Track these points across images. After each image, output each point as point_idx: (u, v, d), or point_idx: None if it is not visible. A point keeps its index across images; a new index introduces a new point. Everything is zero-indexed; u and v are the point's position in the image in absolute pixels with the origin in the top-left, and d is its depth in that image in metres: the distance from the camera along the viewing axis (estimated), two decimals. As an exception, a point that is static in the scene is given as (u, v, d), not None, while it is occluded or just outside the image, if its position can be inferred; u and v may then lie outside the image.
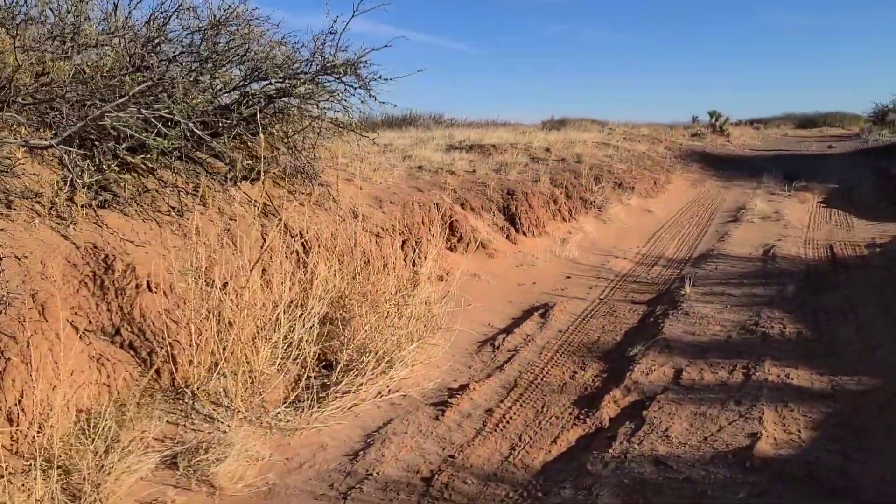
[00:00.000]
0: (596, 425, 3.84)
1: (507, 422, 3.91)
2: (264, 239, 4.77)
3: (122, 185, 4.20)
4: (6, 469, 2.77)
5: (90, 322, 3.70)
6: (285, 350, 4.15)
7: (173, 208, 4.45)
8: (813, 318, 5.51)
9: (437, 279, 6.49)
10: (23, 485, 2.81)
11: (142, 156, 4.15)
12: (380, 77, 4.68)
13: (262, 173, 5.01)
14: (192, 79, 4.39)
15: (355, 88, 4.65)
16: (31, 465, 2.87)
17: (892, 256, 7.87)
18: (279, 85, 4.51)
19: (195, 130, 4.17)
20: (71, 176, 3.81)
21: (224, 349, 3.85)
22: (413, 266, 6.12)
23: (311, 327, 4.26)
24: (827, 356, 4.66)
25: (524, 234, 8.32)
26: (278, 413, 3.78)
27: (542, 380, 4.53)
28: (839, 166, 17.68)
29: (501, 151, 12.06)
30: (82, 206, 3.94)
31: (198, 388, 3.74)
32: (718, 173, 16.45)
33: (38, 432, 3.03)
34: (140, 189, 4.30)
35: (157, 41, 4.30)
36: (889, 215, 10.58)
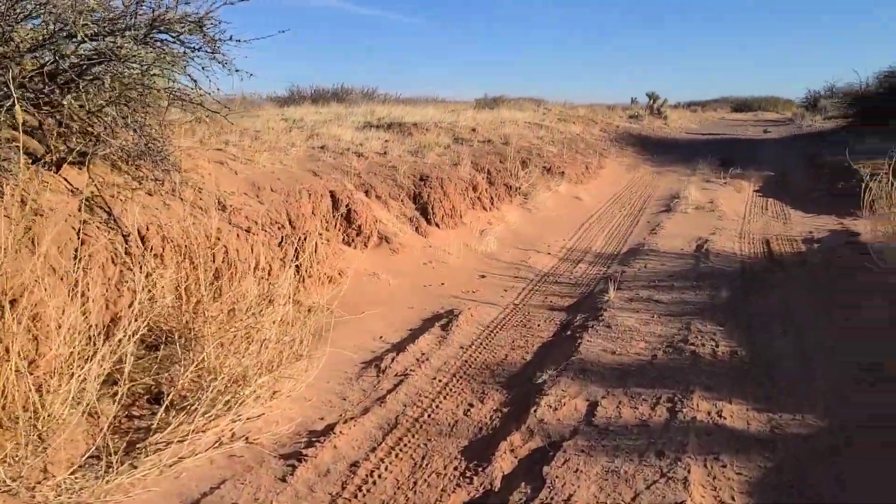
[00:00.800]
0: (485, 486, 3.09)
1: (374, 482, 3.11)
2: (81, 240, 3.81)
3: None
4: None
5: None
6: (97, 385, 3.23)
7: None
8: (748, 331, 4.90)
9: (326, 281, 5.64)
10: None
11: None
12: (231, 38, 3.74)
13: (87, 155, 4.03)
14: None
15: (195, 51, 3.70)
16: None
17: (830, 253, 7.43)
18: (95, 44, 3.54)
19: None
20: None
21: (-8, 394, 2.91)
22: (296, 268, 5.25)
23: (128, 353, 3.34)
24: (764, 382, 4.03)
25: (437, 225, 7.52)
26: (62, 481, 2.88)
27: (429, 417, 3.75)
28: (774, 152, 17.55)
29: (423, 131, 11.20)
30: None
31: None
32: (654, 158, 16.03)
33: None
34: None
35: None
36: (825, 206, 10.23)
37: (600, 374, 4.23)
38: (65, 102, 3.36)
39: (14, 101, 3.05)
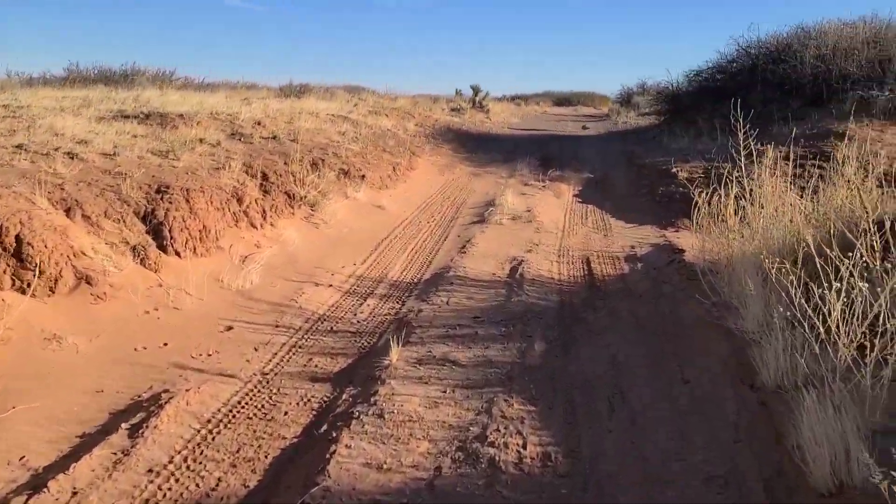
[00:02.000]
0: None
1: None
2: None
3: None
4: None
5: None
6: None
7: None
8: (567, 414, 3.71)
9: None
10: None
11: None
12: None
13: None
14: None
15: None
16: None
17: (654, 276, 6.61)
18: None
19: None
20: None
21: None
22: None
23: None
24: (588, 515, 2.81)
25: (177, 253, 5.75)
26: None
27: None
28: (594, 149, 17.35)
29: (192, 123, 9.26)
30: None
31: None
32: (472, 156, 15.08)
33: None
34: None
35: None
36: (646, 214, 9.65)
37: (351, 518, 2.79)
38: None
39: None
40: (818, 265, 3.55)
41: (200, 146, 7.97)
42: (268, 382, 4.17)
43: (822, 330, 3.35)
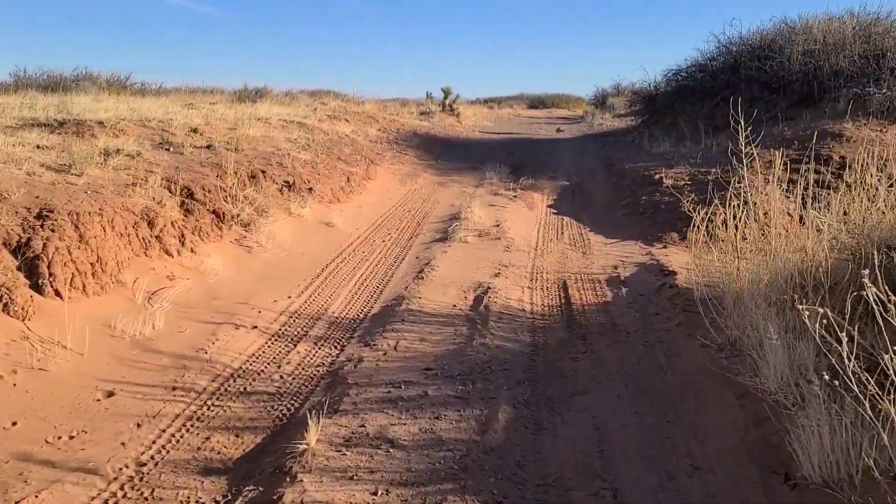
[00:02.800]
0: None
1: None
2: None
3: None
4: None
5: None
6: None
7: None
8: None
9: None
10: None
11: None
12: None
13: None
14: None
15: None
16: None
17: (643, 305, 5.69)
18: None
19: None
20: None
21: None
22: None
23: None
24: None
25: (58, 293, 4.67)
26: None
27: None
28: (569, 154, 16.47)
29: (114, 132, 8.18)
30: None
31: None
32: (438, 163, 14.11)
33: None
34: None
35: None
36: (628, 227, 8.75)
37: None
38: None
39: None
40: (879, 318, 2.62)
41: (115, 158, 6.89)
42: (141, 479, 3.14)
43: (889, 405, 2.44)
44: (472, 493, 2.91)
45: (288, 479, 3.04)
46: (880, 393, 2.47)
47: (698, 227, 5.65)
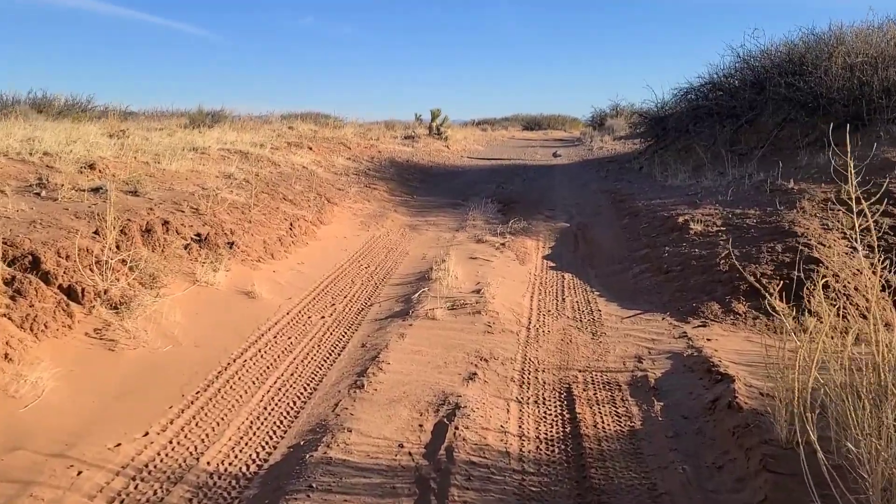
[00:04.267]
0: None
1: None
2: None
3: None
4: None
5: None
6: None
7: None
8: None
9: None
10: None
11: None
12: None
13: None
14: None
15: None
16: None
17: (691, 445, 3.79)
18: None
19: None
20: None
21: None
22: None
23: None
24: None
25: None
26: None
27: None
28: (568, 185, 14.61)
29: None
30: None
31: None
32: (414, 199, 12.20)
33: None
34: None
35: None
36: (649, 291, 6.82)
37: None
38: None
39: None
40: None
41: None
42: None
43: None
44: None
45: None
46: None
47: (772, 305, 3.82)
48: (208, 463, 3.61)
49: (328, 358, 5.11)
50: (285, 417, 4.16)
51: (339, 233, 8.95)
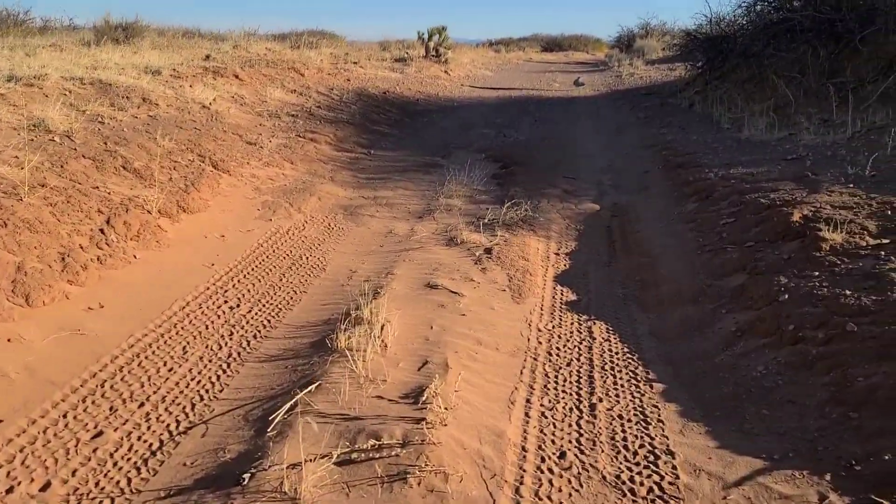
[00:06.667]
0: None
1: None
2: None
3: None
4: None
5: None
6: None
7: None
8: None
9: None
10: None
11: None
12: None
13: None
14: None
15: None
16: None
17: None
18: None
19: None
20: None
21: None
22: None
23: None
24: None
25: None
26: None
27: None
28: (595, 130, 11.08)
29: None
30: None
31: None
32: (371, 154, 8.70)
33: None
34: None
35: None
36: (766, 391, 3.48)
37: None
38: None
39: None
40: None
41: None
42: None
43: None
44: None
45: None
46: None
47: None
48: None
49: None
50: None
51: (216, 226, 5.56)
